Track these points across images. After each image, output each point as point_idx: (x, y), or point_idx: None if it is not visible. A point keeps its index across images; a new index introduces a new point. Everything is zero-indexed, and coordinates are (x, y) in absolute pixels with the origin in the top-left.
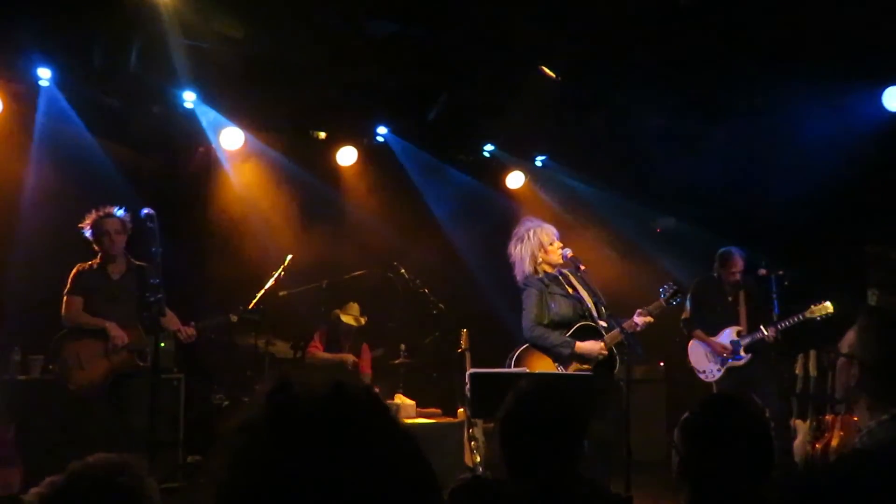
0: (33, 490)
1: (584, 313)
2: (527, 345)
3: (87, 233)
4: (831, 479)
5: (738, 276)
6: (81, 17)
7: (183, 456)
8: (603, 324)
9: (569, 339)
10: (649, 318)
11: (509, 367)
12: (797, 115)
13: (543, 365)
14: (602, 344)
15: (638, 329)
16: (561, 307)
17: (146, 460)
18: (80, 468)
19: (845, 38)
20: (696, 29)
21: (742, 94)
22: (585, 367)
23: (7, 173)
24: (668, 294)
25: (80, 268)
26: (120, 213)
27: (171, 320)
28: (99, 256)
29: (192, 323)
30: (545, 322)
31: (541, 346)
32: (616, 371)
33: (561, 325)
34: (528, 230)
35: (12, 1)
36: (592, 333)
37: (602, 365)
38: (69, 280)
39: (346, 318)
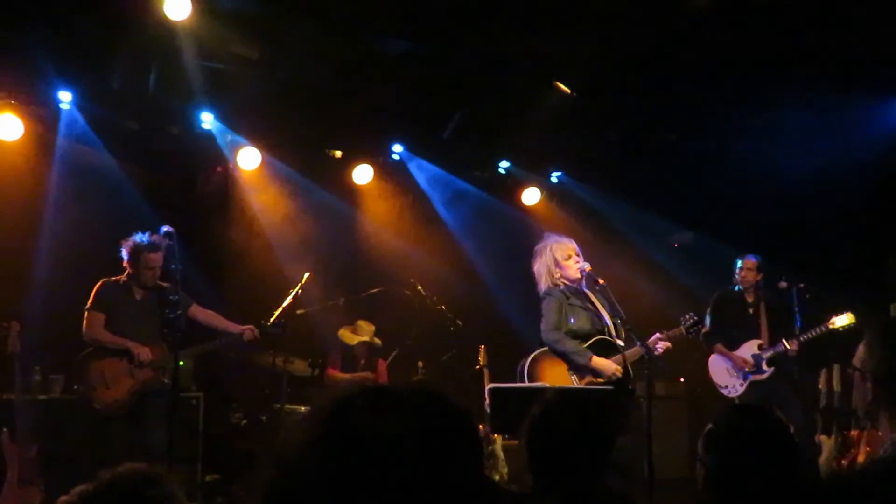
0: (63, 498)
1: (602, 329)
2: (539, 352)
3: (124, 255)
4: (857, 488)
5: (753, 274)
6: (101, 41)
7: (202, 474)
8: (620, 342)
9: (586, 350)
10: (668, 344)
11: (522, 374)
12: (817, 127)
13: (557, 373)
14: (617, 366)
15: (657, 353)
16: (580, 320)
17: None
18: (109, 478)
19: (865, 50)
20: (712, 44)
21: (760, 107)
22: (599, 380)
23: (29, 194)
24: (688, 324)
25: (105, 282)
26: (162, 244)
27: (219, 320)
28: (126, 274)
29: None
30: (563, 330)
31: (558, 350)
32: (633, 387)
33: (578, 337)
34: (546, 246)
35: (33, 25)
36: (609, 349)
37: (615, 384)
38: (92, 295)
39: (343, 337)
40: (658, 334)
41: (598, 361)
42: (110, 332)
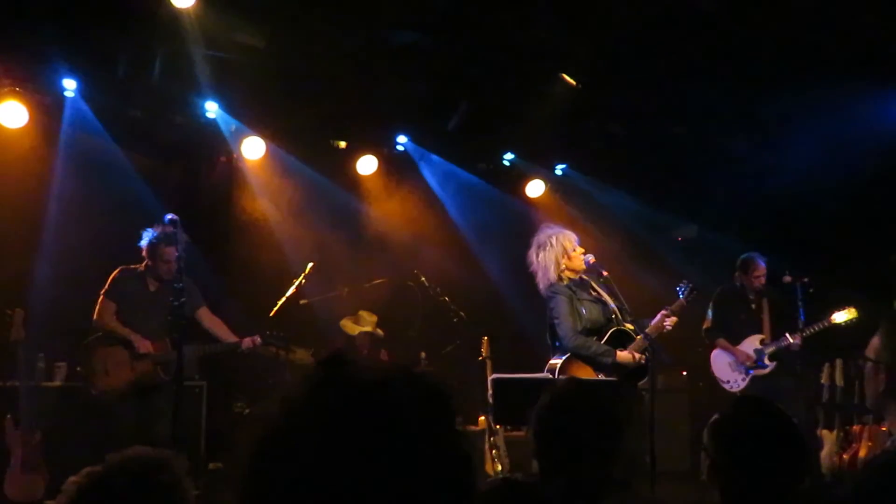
0: (72, 479)
1: (611, 317)
2: (566, 356)
3: (144, 245)
4: (861, 483)
5: (762, 281)
6: (106, 29)
7: (204, 463)
8: (630, 328)
9: (609, 347)
10: (674, 318)
11: None
12: (822, 121)
13: (585, 375)
14: (639, 353)
15: (667, 330)
16: (591, 312)
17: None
18: (119, 460)
19: (872, 43)
20: (718, 35)
21: (765, 100)
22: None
23: (33, 183)
24: (686, 292)
25: (123, 270)
26: (180, 238)
27: (221, 329)
28: (144, 265)
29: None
30: (578, 329)
31: (583, 354)
32: (643, 381)
33: (593, 330)
34: (550, 237)
35: (38, 14)
36: (625, 339)
37: (634, 372)
38: (109, 280)
39: (345, 327)
40: (663, 311)
41: (622, 355)
42: (120, 321)
